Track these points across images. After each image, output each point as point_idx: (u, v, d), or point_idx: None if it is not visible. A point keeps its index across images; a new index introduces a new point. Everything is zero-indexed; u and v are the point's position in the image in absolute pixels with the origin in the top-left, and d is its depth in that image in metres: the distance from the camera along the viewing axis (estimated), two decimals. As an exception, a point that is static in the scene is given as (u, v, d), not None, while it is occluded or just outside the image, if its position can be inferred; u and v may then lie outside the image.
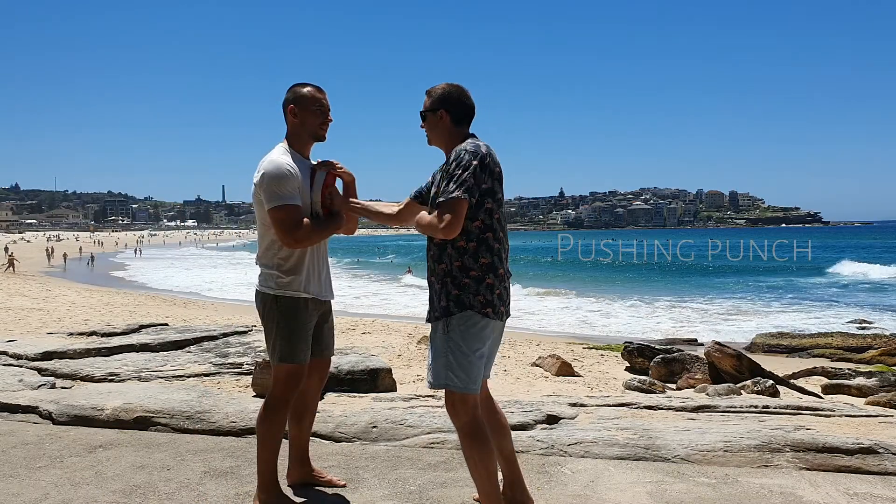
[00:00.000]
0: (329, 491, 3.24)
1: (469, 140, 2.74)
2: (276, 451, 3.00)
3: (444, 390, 2.70)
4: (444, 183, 2.64)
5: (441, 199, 2.61)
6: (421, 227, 2.71)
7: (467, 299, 2.66)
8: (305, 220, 2.90)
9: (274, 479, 3.02)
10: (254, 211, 3.06)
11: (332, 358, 3.37)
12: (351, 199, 3.11)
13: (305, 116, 3.01)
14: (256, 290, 3.06)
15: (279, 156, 2.94)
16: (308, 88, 3.02)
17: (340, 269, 50.38)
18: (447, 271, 2.69)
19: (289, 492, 3.16)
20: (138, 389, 4.82)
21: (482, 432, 2.68)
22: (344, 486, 3.30)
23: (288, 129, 3.06)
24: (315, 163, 3.10)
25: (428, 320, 2.79)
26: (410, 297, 27.52)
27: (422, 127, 2.88)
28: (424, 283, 3.07)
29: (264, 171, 2.89)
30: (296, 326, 2.98)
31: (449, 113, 2.79)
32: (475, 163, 2.63)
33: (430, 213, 2.70)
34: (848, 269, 41.06)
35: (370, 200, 3.25)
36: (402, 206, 3.06)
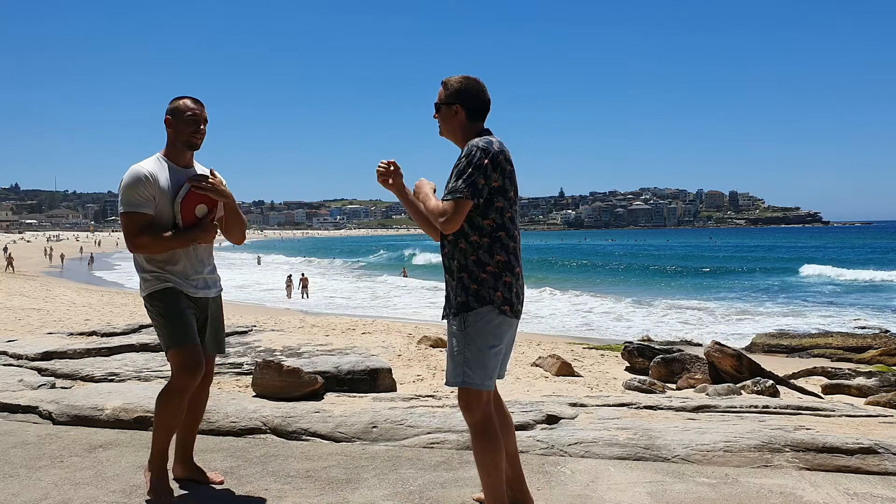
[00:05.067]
0: (207, 487, 3.27)
1: (483, 136, 2.70)
2: (168, 436, 3.13)
3: (456, 387, 2.69)
4: (454, 177, 2.63)
5: (447, 196, 2.60)
6: (426, 207, 2.71)
7: (487, 294, 2.64)
8: (148, 229, 2.99)
9: (162, 463, 3.12)
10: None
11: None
12: (406, 188, 2.86)
13: (178, 125, 3.11)
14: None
15: (143, 163, 3.06)
16: (183, 100, 3.14)
17: (342, 269, 50.39)
18: (462, 266, 2.67)
19: (174, 486, 3.23)
20: (138, 389, 4.82)
21: (494, 430, 2.67)
22: (221, 482, 3.32)
23: (167, 139, 3.17)
24: (197, 173, 3.17)
25: (444, 317, 2.78)
26: (410, 297, 27.54)
27: (435, 117, 2.84)
28: (422, 283, 3.05)
29: (122, 179, 3.02)
30: (171, 312, 3.07)
31: (464, 108, 2.76)
32: (486, 161, 2.60)
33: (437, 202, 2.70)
34: (810, 271, 41.13)
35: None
36: None
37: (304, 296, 27.36)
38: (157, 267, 3.08)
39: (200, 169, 3.24)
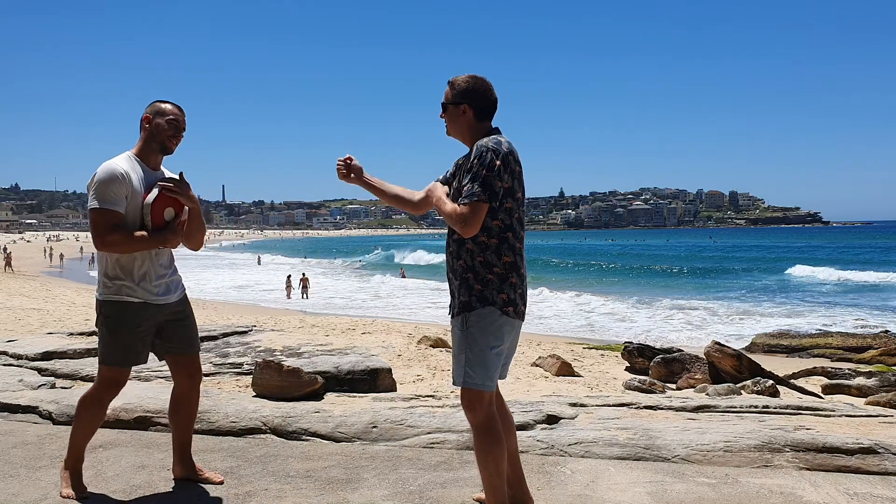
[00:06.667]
0: (208, 487, 3.27)
1: (492, 136, 2.70)
2: (85, 440, 3.19)
3: (460, 387, 2.69)
4: (467, 179, 2.61)
5: (464, 199, 2.59)
6: (441, 211, 2.70)
7: (490, 295, 2.64)
8: (119, 227, 2.96)
9: (77, 463, 3.20)
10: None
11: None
12: (366, 176, 3.04)
13: (158, 127, 3.09)
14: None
15: (116, 160, 3.02)
16: (166, 104, 3.14)
17: (342, 269, 50.39)
18: (468, 267, 2.67)
19: (169, 484, 3.30)
20: (138, 389, 4.82)
21: (497, 430, 2.67)
22: (221, 482, 3.31)
23: (139, 139, 3.14)
24: (166, 177, 3.15)
25: (451, 315, 2.79)
26: (410, 297, 27.53)
27: (441, 117, 2.84)
28: (422, 283, 3.02)
29: (95, 173, 2.97)
30: (118, 331, 3.05)
31: (472, 108, 2.76)
32: (498, 162, 2.59)
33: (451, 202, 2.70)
34: (803, 271, 41.02)
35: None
36: (424, 194, 2.99)
37: (304, 296, 27.35)
38: (121, 273, 3.04)
39: (168, 173, 3.23)
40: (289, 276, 28.94)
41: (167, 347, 3.22)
